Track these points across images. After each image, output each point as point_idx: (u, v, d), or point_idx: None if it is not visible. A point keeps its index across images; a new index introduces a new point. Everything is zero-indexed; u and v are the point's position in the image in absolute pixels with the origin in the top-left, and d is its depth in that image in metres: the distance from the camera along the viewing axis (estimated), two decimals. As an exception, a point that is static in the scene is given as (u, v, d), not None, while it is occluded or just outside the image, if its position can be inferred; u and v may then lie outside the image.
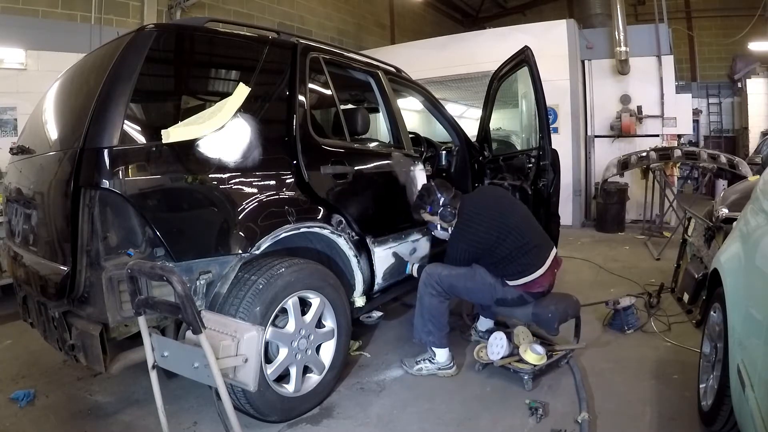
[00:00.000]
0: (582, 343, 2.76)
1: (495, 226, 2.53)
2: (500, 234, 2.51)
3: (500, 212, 2.60)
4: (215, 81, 2.35)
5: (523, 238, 2.53)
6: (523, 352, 2.52)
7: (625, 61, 7.07)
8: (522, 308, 2.61)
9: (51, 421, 2.29)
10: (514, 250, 2.50)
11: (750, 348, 1.58)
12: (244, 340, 1.67)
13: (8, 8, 5.08)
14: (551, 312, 2.56)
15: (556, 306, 2.59)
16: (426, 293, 2.62)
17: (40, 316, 2.16)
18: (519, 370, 2.48)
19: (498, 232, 2.51)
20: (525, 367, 2.48)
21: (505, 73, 3.75)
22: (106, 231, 1.78)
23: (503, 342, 2.57)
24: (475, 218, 2.57)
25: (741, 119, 12.03)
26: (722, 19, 12.33)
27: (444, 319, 2.62)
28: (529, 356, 2.51)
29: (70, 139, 1.95)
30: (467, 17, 13.84)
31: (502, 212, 2.60)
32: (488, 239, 2.51)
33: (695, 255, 3.56)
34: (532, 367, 2.47)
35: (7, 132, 4.98)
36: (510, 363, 2.52)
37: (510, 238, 2.51)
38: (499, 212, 2.59)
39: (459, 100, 9.61)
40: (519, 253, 2.51)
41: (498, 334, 2.63)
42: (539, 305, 2.58)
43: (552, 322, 2.56)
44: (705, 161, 5.96)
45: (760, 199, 2.01)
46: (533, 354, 2.51)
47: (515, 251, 2.51)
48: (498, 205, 2.67)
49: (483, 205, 2.67)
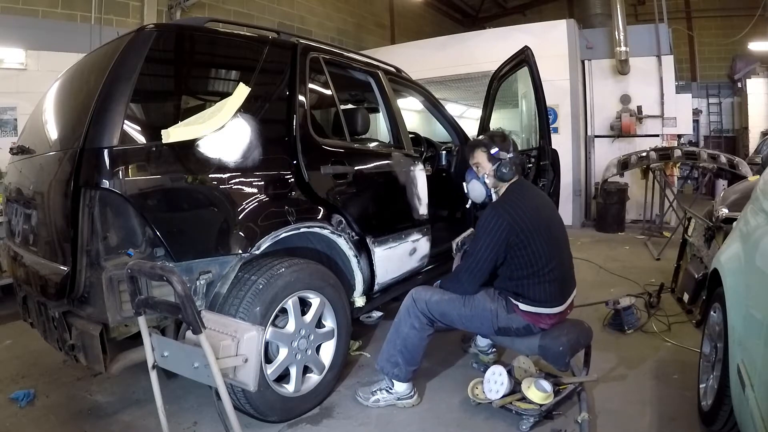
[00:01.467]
0: (593, 376, 2.42)
1: (536, 223, 2.16)
2: (538, 236, 2.14)
3: (548, 216, 2.28)
4: (215, 81, 2.35)
5: (558, 257, 2.20)
6: (527, 389, 2.18)
7: (625, 61, 7.07)
8: (527, 339, 2.25)
9: (51, 421, 2.29)
10: (542, 267, 2.15)
11: (750, 348, 1.58)
12: (244, 340, 1.67)
13: (8, 8, 5.07)
14: (562, 345, 2.17)
15: (568, 337, 2.21)
16: (406, 323, 2.29)
17: (40, 316, 2.16)
18: (523, 412, 2.13)
19: (537, 232, 2.14)
20: (530, 407, 2.13)
21: (505, 73, 3.75)
22: (106, 231, 1.78)
23: (503, 379, 2.22)
24: (519, 203, 2.19)
25: (741, 119, 12.03)
26: (722, 19, 12.33)
27: (418, 356, 2.31)
28: (533, 394, 2.15)
29: (70, 139, 1.95)
30: (467, 17, 13.84)
31: (550, 217, 2.29)
32: (525, 230, 2.12)
33: (695, 255, 3.56)
34: (538, 407, 2.13)
35: (7, 132, 4.98)
36: (512, 403, 2.18)
37: (545, 248, 2.15)
38: (547, 215, 2.27)
39: (459, 100, 9.61)
40: (546, 276, 2.15)
41: (497, 369, 2.28)
42: (548, 336, 2.20)
43: (563, 357, 2.17)
44: (705, 161, 5.96)
45: (760, 199, 2.01)
46: (539, 392, 2.15)
47: (543, 270, 2.15)
48: (548, 207, 2.36)
49: (533, 194, 2.34)
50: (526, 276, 2.16)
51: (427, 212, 3.18)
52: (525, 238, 2.13)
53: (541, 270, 2.15)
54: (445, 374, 2.68)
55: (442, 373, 2.68)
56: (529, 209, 2.18)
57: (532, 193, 2.35)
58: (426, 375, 2.63)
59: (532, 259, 2.14)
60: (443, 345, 3.04)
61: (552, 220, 2.29)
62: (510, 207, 2.17)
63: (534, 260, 2.14)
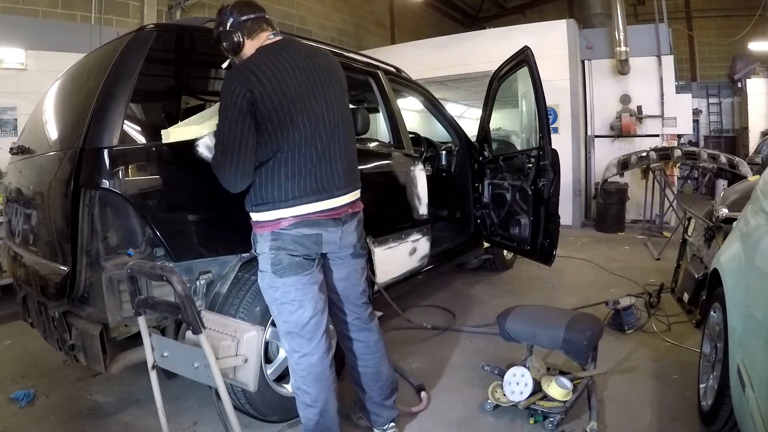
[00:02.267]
0: (604, 368, 2.41)
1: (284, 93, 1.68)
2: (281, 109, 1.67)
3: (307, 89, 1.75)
4: (215, 81, 2.35)
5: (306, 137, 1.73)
6: (547, 387, 2.15)
7: (625, 61, 7.07)
8: (551, 332, 2.23)
9: (51, 421, 2.29)
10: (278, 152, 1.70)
11: (750, 348, 1.58)
12: (244, 340, 1.67)
13: (8, 8, 5.07)
14: (587, 339, 2.18)
15: (592, 331, 2.22)
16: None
17: (40, 316, 2.16)
18: (548, 411, 2.10)
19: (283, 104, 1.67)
20: (554, 405, 2.11)
21: (505, 73, 3.75)
22: (106, 231, 1.78)
23: (527, 379, 2.17)
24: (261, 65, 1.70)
25: (741, 119, 12.03)
26: (722, 19, 12.33)
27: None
28: (555, 391, 2.12)
29: (70, 139, 1.95)
30: (467, 17, 13.84)
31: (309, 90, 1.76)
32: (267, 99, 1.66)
33: (695, 255, 3.55)
34: (561, 404, 2.11)
35: (7, 132, 4.98)
36: (536, 403, 2.14)
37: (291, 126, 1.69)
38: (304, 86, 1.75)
39: (459, 100, 9.61)
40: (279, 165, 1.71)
41: (518, 371, 2.21)
42: (572, 330, 2.19)
43: (587, 351, 2.20)
44: (705, 161, 5.96)
45: (760, 199, 2.01)
46: (560, 389, 2.12)
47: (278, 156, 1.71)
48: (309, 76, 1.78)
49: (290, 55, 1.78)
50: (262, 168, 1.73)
51: (427, 212, 3.18)
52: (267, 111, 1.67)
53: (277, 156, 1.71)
54: (445, 374, 2.67)
55: (442, 373, 2.68)
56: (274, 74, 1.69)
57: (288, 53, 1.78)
58: (426, 375, 2.63)
59: (278, 137, 1.69)
60: (443, 345, 3.04)
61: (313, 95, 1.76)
62: (248, 66, 1.71)
63: (278, 138, 1.69)
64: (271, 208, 1.73)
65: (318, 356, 1.79)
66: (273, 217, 1.73)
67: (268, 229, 1.75)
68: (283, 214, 1.72)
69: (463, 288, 4.27)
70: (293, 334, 1.78)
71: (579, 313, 2.52)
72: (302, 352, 1.79)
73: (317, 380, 1.79)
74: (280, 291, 1.76)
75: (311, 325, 1.78)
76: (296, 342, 1.79)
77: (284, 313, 1.78)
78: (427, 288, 4.08)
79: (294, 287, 1.75)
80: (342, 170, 1.81)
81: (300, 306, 1.76)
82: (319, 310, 1.80)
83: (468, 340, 3.13)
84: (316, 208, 1.74)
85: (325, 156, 1.77)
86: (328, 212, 1.77)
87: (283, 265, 1.74)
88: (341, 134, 1.83)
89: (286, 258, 1.73)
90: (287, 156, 1.71)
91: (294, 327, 1.78)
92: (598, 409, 2.20)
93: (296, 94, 1.71)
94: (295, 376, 1.83)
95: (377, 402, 2.04)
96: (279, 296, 1.77)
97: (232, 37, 1.80)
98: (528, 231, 3.36)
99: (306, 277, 1.77)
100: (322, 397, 1.80)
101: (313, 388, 1.79)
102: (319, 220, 1.76)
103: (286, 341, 1.82)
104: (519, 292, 4.14)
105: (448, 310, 3.66)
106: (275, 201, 1.72)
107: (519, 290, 4.19)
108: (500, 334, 2.43)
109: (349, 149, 1.88)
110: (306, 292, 1.77)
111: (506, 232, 3.62)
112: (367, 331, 2.01)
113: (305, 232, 1.74)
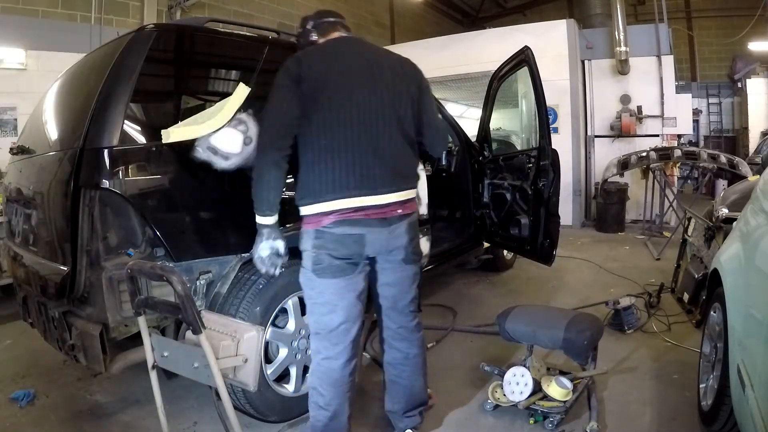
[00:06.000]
0: (604, 368, 2.43)
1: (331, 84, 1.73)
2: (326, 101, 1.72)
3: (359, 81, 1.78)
4: (215, 81, 2.35)
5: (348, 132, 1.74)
6: (547, 387, 2.15)
7: (625, 61, 7.07)
8: (551, 332, 2.23)
9: (51, 421, 2.29)
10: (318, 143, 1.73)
11: (750, 348, 1.58)
12: (244, 340, 1.67)
13: (8, 8, 5.08)
14: (587, 339, 2.18)
15: (591, 331, 2.23)
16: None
17: (40, 316, 2.16)
18: (548, 411, 2.11)
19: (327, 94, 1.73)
20: (554, 405, 2.12)
21: (505, 73, 3.75)
22: (106, 231, 1.78)
23: (527, 380, 2.18)
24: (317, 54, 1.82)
25: (741, 119, 12.03)
26: (722, 19, 12.33)
27: None
28: (555, 391, 2.13)
29: (70, 139, 1.95)
30: (467, 17, 13.84)
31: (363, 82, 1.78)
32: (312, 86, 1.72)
33: (695, 255, 3.55)
34: (561, 404, 2.12)
35: (7, 132, 4.98)
36: (536, 403, 2.15)
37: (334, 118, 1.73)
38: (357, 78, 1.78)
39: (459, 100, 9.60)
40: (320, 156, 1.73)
41: (518, 371, 2.22)
42: (572, 329, 2.19)
43: (587, 351, 2.22)
44: (705, 161, 5.96)
45: (760, 199, 2.01)
46: (560, 389, 2.13)
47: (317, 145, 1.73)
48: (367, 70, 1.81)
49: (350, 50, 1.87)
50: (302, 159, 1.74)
51: (426, 212, 3.17)
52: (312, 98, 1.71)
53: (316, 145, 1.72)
54: (445, 374, 2.67)
55: (442, 373, 2.68)
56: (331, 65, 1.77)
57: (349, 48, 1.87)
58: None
59: (321, 126, 1.71)
60: (443, 344, 3.04)
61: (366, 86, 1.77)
62: (305, 55, 1.80)
63: (322, 128, 1.71)
64: (313, 201, 1.72)
65: (341, 362, 1.76)
66: (315, 211, 1.72)
67: (311, 226, 1.74)
68: (324, 208, 1.70)
69: (463, 288, 4.27)
70: (320, 335, 1.77)
71: (579, 313, 2.51)
72: (325, 354, 1.77)
73: (334, 385, 1.77)
74: (316, 290, 1.76)
75: (340, 330, 1.75)
76: (321, 344, 1.77)
77: (315, 313, 1.78)
78: (428, 288, 4.07)
79: (330, 290, 1.73)
80: (389, 167, 1.76)
81: (332, 310, 1.74)
82: (351, 318, 1.76)
83: (468, 340, 3.13)
84: (357, 203, 1.70)
85: (371, 150, 1.73)
86: (372, 210, 1.72)
87: (323, 265, 1.72)
88: (394, 132, 1.79)
89: (326, 259, 1.71)
90: (329, 145, 1.70)
91: (322, 329, 1.76)
92: (598, 409, 2.20)
93: (342, 83, 1.74)
94: (312, 376, 1.82)
95: (398, 414, 2.02)
96: (314, 295, 1.77)
97: (309, 36, 1.90)
98: (528, 231, 3.36)
99: (344, 281, 1.74)
100: (336, 402, 1.77)
101: (329, 392, 1.77)
102: (362, 219, 1.71)
103: (312, 340, 1.82)
104: (519, 292, 4.14)
105: (450, 308, 3.66)
106: (316, 194, 1.71)
107: (519, 290, 4.19)
108: (500, 334, 2.43)
109: (401, 148, 1.83)
110: (342, 297, 1.74)
111: (506, 232, 3.62)
112: (408, 341, 1.96)
113: (347, 232, 1.71)
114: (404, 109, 1.84)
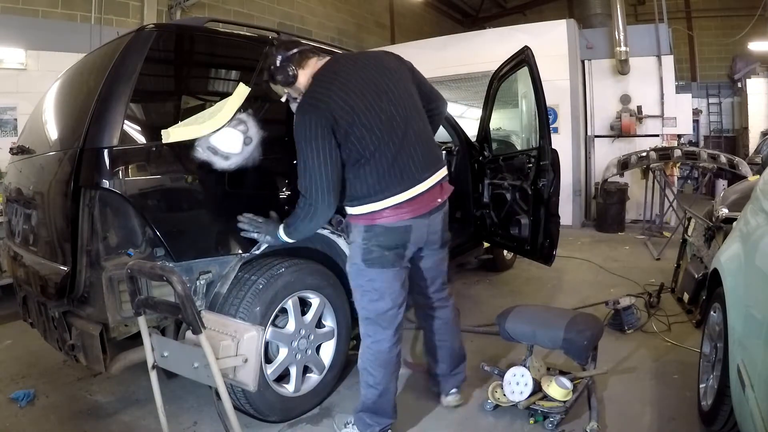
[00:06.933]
0: (604, 368, 2.42)
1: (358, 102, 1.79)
2: (362, 116, 1.79)
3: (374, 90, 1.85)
4: (215, 81, 2.35)
5: (389, 136, 1.84)
6: (547, 387, 2.15)
7: (625, 61, 7.07)
8: (551, 332, 2.23)
9: (51, 421, 2.29)
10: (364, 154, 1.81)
11: (750, 348, 1.58)
12: (244, 340, 1.67)
13: (8, 8, 5.07)
14: (587, 339, 2.18)
15: (592, 331, 2.23)
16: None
17: (40, 316, 2.16)
18: (548, 411, 2.11)
19: (359, 111, 1.78)
20: (554, 405, 2.12)
21: (505, 73, 3.74)
22: (106, 231, 1.78)
23: (527, 380, 2.18)
24: (327, 87, 1.82)
25: (741, 119, 12.02)
26: (722, 19, 12.32)
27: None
28: (555, 391, 2.12)
29: (70, 139, 1.95)
30: (467, 17, 13.83)
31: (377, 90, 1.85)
32: (346, 112, 1.78)
33: (695, 255, 3.56)
34: (561, 404, 2.11)
35: (7, 132, 4.98)
36: (536, 403, 2.15)
37: (374, 129, 1.81)
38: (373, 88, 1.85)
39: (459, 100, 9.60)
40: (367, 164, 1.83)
41: (518, 371, 2.22)
42: (572, 329, 2.19)
43: (587, 351, 2.21)
44: (705, 161, 5.96)
45: (760, 199, 2.01)
46: (560, 389, 2.13)
47: (363, 158, 1.82)
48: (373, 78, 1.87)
49: (350, 69, 1.90)
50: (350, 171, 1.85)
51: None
52: (348, 122, 1.77)
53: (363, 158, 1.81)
54: (445, 374, 2.67)
55: (442, 373, 2.68)
56: (346, 87, 1.81)
57: (348, 67, 1.89)
58: (425, 374, 2.62)
59: (358, 147, 1.80)
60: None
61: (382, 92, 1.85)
62: (314, 96, 1.82)
63: (359, 148, 1.80)
64: (363, 203, 1.86)
65: (388, 345, 1.94)
66: (365, 210, 1.86)
67: (362, 221, 1.88)
68: (374, 207, 1.84)
69: (463, 288, 4.27)
70: (370, 320, 1.95)
71: (579, 313, 2.51)
72: (375, 338, 1.94)
73: (383, 366, 1.95)
74: (365, 279, 1.91)
75: (389, 315, 1.93)
76: (372, 328, 1.95)
77: (365, 300, 1.94)
78: (427, 288, 4.07)
79: (379, 279, 1.89)
80: (421, 154, 1.90)
81: (381, 297, 1.90)
82: (397, 305, 1.94)
83: (468, 340, 3.13)
84: (404, 197, 1.84)
85: (403, 148, 1.85)
86: (417, 201, 1.86)
87: (373, 256, 1.87)
88: (414, 123, 1.91)
89: (376, 250, 1.86)
90: (368, 158, 1.81)
91: (372, 314, 1.94)
92: (598, 409, 2.20)
93: (364, 106, 1.80)
94: (362, 358, 1.98)
95: (446, 373, 2.27)
96: (363, 284, 1.92)
97: (286, 70, 1.90)
98: (528, 231, 3.35)
99: (392, 272, 1.90)
100: (385, 381, 1.95)
101: (379, 372, 1.94)
102: (408, 211, 1.86)
103: (362, 325, 1.99)
104: (519, 292, 4.14)
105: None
106: (365, 197, 1.84)
107: (519, 290, 4.19)
108: (500, 334, 2.43)
109: (424, 134, 1.96)
110: (389, 285, 1.91)
111: (506, 232, 3.62)
112: (446, 308, 2.22)
113: (396, 225, 1.86)
114: (410, 94, 1.96)
